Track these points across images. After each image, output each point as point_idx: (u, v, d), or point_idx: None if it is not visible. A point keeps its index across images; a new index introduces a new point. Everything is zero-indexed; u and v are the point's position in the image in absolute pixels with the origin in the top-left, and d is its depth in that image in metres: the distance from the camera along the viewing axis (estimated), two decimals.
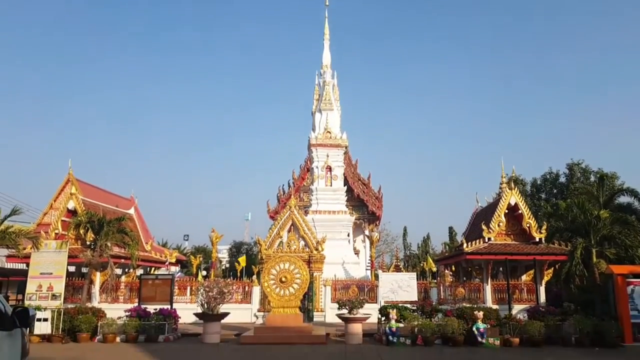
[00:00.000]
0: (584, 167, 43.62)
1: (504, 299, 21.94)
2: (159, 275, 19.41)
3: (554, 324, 15.37)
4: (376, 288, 22.16)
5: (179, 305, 19.89)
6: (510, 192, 22.41)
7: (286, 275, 16.06)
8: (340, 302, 15.99)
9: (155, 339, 15.34)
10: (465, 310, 16.06)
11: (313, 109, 32.67)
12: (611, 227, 17.29)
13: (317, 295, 21.71)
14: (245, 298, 22.24)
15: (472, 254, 21.34)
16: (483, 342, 14.65)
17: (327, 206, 29.67)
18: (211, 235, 23.72)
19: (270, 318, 15.90)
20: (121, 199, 33.20)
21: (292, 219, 22.40)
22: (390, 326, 15.02)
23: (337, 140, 30.81)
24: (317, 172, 30.67)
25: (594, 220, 16.80)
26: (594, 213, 16.97)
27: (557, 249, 21.15)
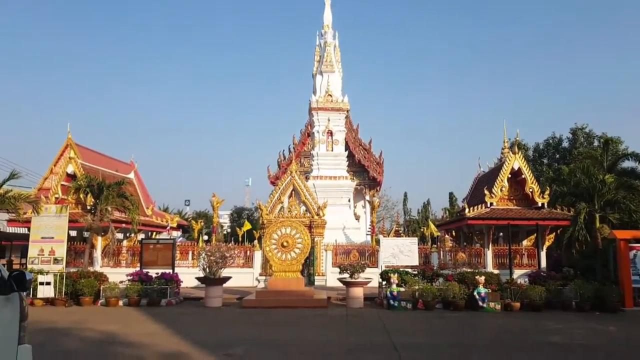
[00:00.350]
0: (588, 131, 43.14)
1: (504, 264, 22.02)
2: (160, 240, 19.39)
3: (555, 289, 15.41)
4: (377, 253, 22.23)
5: (181, 269, 19.99)
6: (513, 156, 22.11)
7: (288, 240, 16.01)
8: (342, 266, 16.00)
9: (157, 303, 15.43)
10: (467, 275, 16.08)
11: (314, 71, 31.99)
12: (616, 191, 17.13)
13: (318, 260, 21.78)
14: (247, 262, 22.34)
15: (474, 219, 21.24)
16: (484, 306, 14.71)
17: (328, 171, 29.49)
18: (212, 200, 23.61)
19: (272, 282, 15.94)
20: (121, 163, 33.02)
21: (293, 184, 22.24)
22: (392, 290, 15.05)
23: (339, 103, 30.32)
24: (317, 136, 30.32)
25: (598, 184, 16.61)
26: (599, 177, 16.76)
27: (559, 214, 21.03)
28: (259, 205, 21.85)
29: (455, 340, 9.95)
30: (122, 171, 28.73)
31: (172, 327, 11.29)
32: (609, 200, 17.41)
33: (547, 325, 12.06)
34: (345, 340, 9.83)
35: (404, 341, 9.74)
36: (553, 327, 11.77)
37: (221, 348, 8.86)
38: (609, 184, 16.70)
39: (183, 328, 11.24)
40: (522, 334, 10.88)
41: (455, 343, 9.66)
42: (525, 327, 11.75)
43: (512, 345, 9.46)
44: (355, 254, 22.30)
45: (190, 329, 11.23)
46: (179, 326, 11.52)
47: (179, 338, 9.90)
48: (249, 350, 8.71)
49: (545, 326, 11.97)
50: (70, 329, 10.90)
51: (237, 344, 9.22)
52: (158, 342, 9.52)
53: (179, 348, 8.89)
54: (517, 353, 8.80)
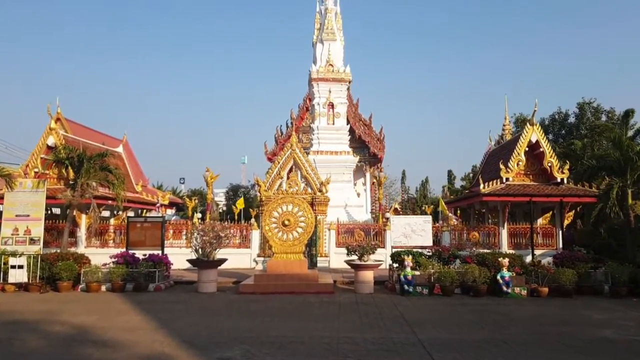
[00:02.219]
0: (596, 106, 41.48)
1: (520, 244, 20.58)
2: (148, 218, 17.72)
3: (585, 272, 13.94)
4: (384, 232, 20.72)
5: (174, 250, 18.45)
6: (531, 128, 20.40)
7: (289, 218, 14.41)
8: (350, 247, 14.42)
9: (144, 288, 13.86)
10: (487, 256, 14.57)
11: (314, 40, 29.95)
12: None
13: (321, 240, 20.22)
14: (243, 242, 20.78)
15: (490, 196, 19.64)
16: (508, 292, 13.21)
17: (329, 146, 27.77)
18: (206, 175, 21.87)
19: (272, 264, 14.38)
20: (110, 138, 31.05)
21: (294, 158, 20.54)
22: (406, 274, 13.51)
23: (340, 74, 28.41)
24: (318, 109, 28.47)
25: (635, 156, 14.96)
26: (635, 149, 15.11)
27: (580, 190, 19.46)
28: (256, 180, 20.16)
29: (490, 335, 8.42)
30: (110, 145, 26.92)
31: (158, 319, 9.73)
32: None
33: (587, 315, 10.58)
34: (362, 336, 8.28)
35: (430, 336, 8.22)
36: (596, 318, 10.27)
37: (214, 348, 7.31)
38: None
39: (171, 320, 9.68)
40: (563, 325, 9.37)
41: (492, 339, 8.12)
42: (563, 318, 10.25)
43: (561, 342, 7.92)
44: (360, 234, 20.73)
45: (179, 321, 9.67)
46: (167, 317, 9.96)
47: (164, 334, 8.33)
48: (248, 352, 7.13)
49: (585, 316, 10.49)
50: (37, 322, 9.32)
51: (233, 343, 7.66)
52: (139, 339, 7.95)
53: (162, 349, 7.32)
54: (574, 354, 7.26)
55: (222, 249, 16.25)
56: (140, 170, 39.36)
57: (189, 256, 14.85)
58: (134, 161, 38.75)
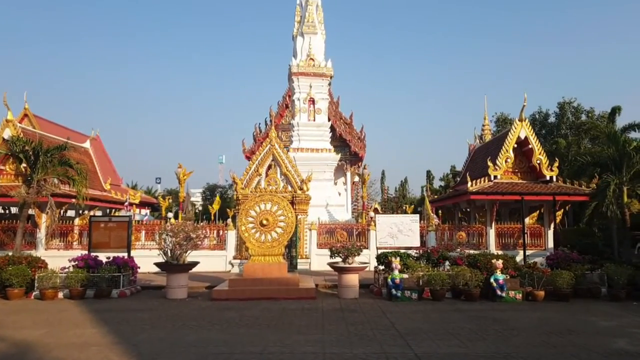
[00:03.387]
0: (576, 105, 41.59)
1: (508, 244, 19.90)
2: (113, 217, 16.33)
3: (581, 274, 13.17)
4: (367, 232, 19.75)
5: (144, 252, 17.15)
6: (520, 123, 19.72)
7: (268, 218, 13.28)
8: (334, 248, 13.36)
9: (106, 294, 12.55)
10: (479, 258, 13.69)
11: (294, 33, 28.84)
12: None
13: (301, 241, 19.13)
14: (219, 244, 19.58)
15: (477, 194, 18.87)
16: (503, 296, 12.33)
17: (309, 143, 26.72)
18: (178, 172, 20.53)
19: (248, 268, 13.23)
20: (79, 134, 29.26)
21: (273, 154, 19.37)
22: (394, 277, 12.52)
23: (321, 68, 27.35)
24: (298, 104, 27.37)
25: (632, 152, 14.29)
26: (632, 144, 14.44)
27: (570, 189, 18.84)
28: (233, 177, 18.93)
29: (494, 348, 7.45)
30: (78, 141, 25.31)
31: (116, 332, 8.50)
32: (638, 172, 15.16)
33: (592, 322, 9.72)
34: (351, 351, 7.22)
35: (429, 351, 7.21)
36: (603, 325, 9.42)
37: None
38: None
39: (131, 333, 8.46)
40: (571, 335, 8.47)
41: (497, 353, 7.16)
42: (567, 325, 9.35)
43: (577, 356, 7.00)
44: (343, 234, 19.73)
45: (141, 334, 8.45)
46: (127, 330, 8.74)
47: (120, 351, 7.13)
48: None
49: (590, 323, 9.62)
50: None
51: None
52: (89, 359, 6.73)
53: None
54: None
55: (195, 251, 15.10)
56: (113, 169, 37.58)
57: (161, 258, 13.57)
58: (106, 159, 36.98)
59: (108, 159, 38.08)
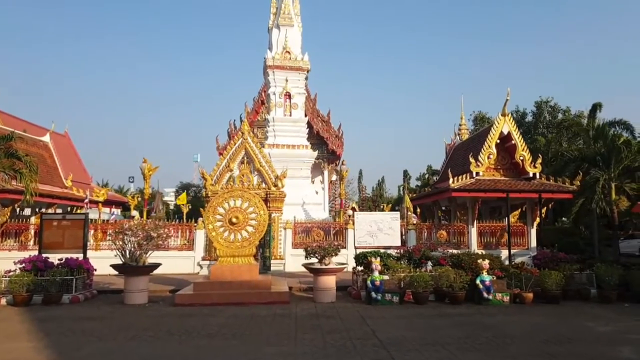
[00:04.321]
0: (553, 105, 41.84)
1: (490, 243, 19.23)
2: (66, 215, 14.97)
3: (570, 275, 12.48)
4: (345, 231, 18.82)
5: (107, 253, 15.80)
6: (503, 118, 19.09)
7: (238, 215, 12.20)
8: (309, 248, 12.34)
9: (56, 300, 11.29)
10: (463, 258, 12.88)
11: (269, 25, 27.75)
12: (635, 156, 14.27)
13: (275, 241, 18.09)
14: (188, 244, 18.39)
15: (459, 191, 18.13)
16: (490, 298, 11.52)
17: (285, 139, 25.67)
18: (142, 167, 19.19)
19: (216, 270, 12.12)
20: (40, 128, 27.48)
21: (245, 148, 18.26)
22: (373, 279, 11.58)
23: (298, 62, 26.31)
24: (274, 99, 26.30)
25: (623, 146, 13.70)
26: (621, 138, 13.86)
27: (554, 186, 18.26)
28: (202, 174, 17.75)
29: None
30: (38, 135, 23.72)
31: (57, 346, 7.36)
32: (627, 168, 14.60)
33: (589, 328, 8.96)
34: None
35: None
36: (601, 331, 8.66)
37: None
38: (634, 145, 13.85)
39: (75, 347, 7.32)
40: (569, 343, 7.67)
41: None
42: (563, 332, 8.56)
43: None
44: (320, 233, 18.76)
45: (86, 348, 7.31)
46: (71, 342, 7.59)
47: None
48: None
49: (587, 329, 8.86)
50: None
51: None
52: None
53: None
54: None
55: (162, 252, 14.09)
56: (82, 167, 35.94)
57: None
58: (74, 156, 35.35)
59: (77, 156, 36.34)
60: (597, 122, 21.20)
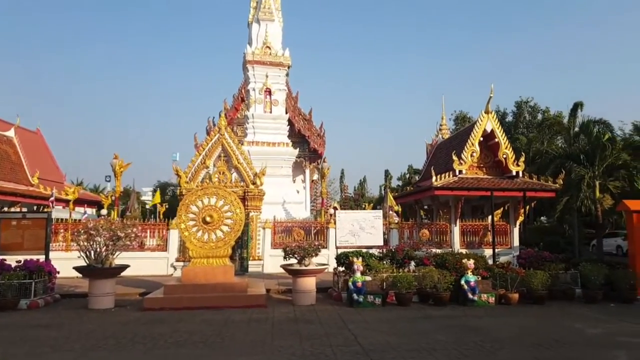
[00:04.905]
0: (533, 105, 42.20)
1: (473, 242, 18.90)
2: (26, 214, 14.07)
3: (555, 274, 12.15)
4: (326, 230, 18.28)
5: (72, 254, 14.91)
6: (486, 116, 18.76)
7: (212, 214, 11.56)
8: (288, 248, 11.75)
9: (12, 306, 10.47)
10: (447, 257, 12.45)
11: (249, 19, 27.06)
12: (619, 154, 14.04)
13: (253, 241, 17.43)
14: (163, 244, 17.61)
15: (442, 189, 17.74)
16: (475, 299, 11.11)
17: (265, 136, 25.02)
18: (113, 163, 18.31)
19: (188, 272, 11.44)
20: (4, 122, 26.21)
21: (222, 144, 17.57)
22: (355, 280, 11.06)
23: (279, 57, 25.68)
24: (253, 95, 25.62)
25: (608, 143, 13.43)
26: (606, 135, 13.60)
27: (537, 184, 18.02)
28: (176, 171, 16.99)
29: None
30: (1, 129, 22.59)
31: (3, 356, 6.62)
32: (611, 165, 14.36)
33: (578, 330, 8.57)
34: None
35: None
36: (591, 334, 8.27)
37: None
38: (618, 143, 13.60)
39: (22, 359, 6.59)
40: (562, 347, 7.24)
41: None
42: (552, 334, 8.14)
43: None
44: (300, 232, 18.17)
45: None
46: (19, 355, 6.86)
47: None
48: None
49: (577, 331, 8.46)
50: None
51: None
52: None
53: None
54: None
55: (134, 253, 13.41)
56: (54, 165, 34.74)
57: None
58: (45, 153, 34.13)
59: (49, 153, 35.07)
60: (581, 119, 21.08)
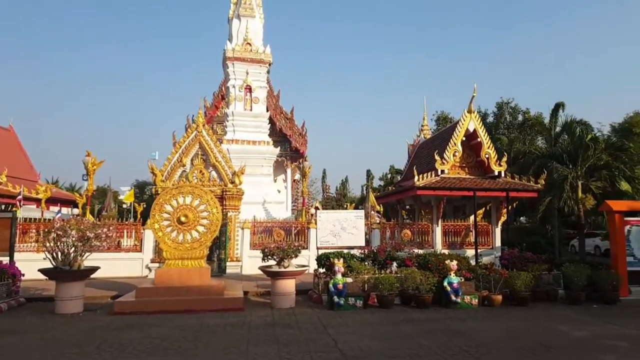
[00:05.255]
0: (513, 106, 42.53)
1: (455, 243, 18.75)
2: None
3: (538, 275, 12.00)
4: (307, 230, 17.91)
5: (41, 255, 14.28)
6: (469, 115, 18.61)
7: (187, 214, 11.10)
8: (266, 249, 11.33)
9: None
10: (430, 258, 12.20)
11: (230, 15, 26.51)
12: (600, 154, 13.98)
13: (232, 241, 16.96)
14: (139, 245, 17.01)
15: (424, 189, 17.52)
16: (458, 301, 10.87)
17: (246, 134, 24.51)
18: (86, 160, 17.61)
19: (162, 274, 10.96)
20: None
21: (200, 141, 17.04)
22: (336, 282, 10.73)
23: (259, 54, 25.18)
24: (233, 92, 25.06)
25: (591, 143, 13.35)
26: (589, 135, 13.52)
27: (519, 184, 17.94)
28: (151, 168, 16.41)
29: None
30: None
31: None
32: (593, 166, 14.30)
33: (563, 332, 8.38)
34: None
35: None
36: (577, 336, 8.09)
37: None
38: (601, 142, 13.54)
39: None
40: (548, 351, 7.02)
41: None
42: (538, 338, 7.93)
43: None
44: (280, 233, 17.77)
45: None
46: None
47: None
48: None
49: (562, 334, 8.27)
50: None
51: None
52: None
53: None
54: None
55: (108, 254, 12.91)
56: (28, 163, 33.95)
57: None
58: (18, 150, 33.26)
59: (22, 151, 34.13)
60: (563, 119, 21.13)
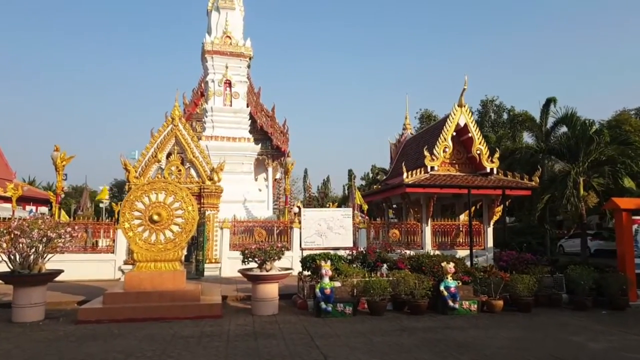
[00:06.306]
0: (498, 104, 42.43)
1: (445, 243, 18.03)
2: None
3: (540, 278, 11.27)
4: (290, 230, 17.00)
5: None
6: (459, 109, 17.92)
7: (160, 212, 10.10)
8: (247, 251, 10.37)
9: None
10: (424, 260, 11.39)
11: (209, 7, 25.46)
12: (605, 148, 13.31)
13: (210, 242, 15.95)
14: (112, 246, 15.89)
15: (414, 187, 16.75)
16: (456, 307, 10.05)
17: (225, 131, 23.48)
18: (54, 156, 16.36)
19: (132, 278, 9.92)
20: None
21: (176, 136, 16.00)
22: (323, 287, 9.82)
23: (239, 47, 24.18)
24: (212, 87, 24.04)
25: (595, 136, 12.67)
26: (593, 127, 12.83)
27: (512, 181, 17.30)
28: (124, 164, 15.28)
29: None
30: None
31: None
32: (595, 161, 13.62)
33: (579, 344, 7.62)
34: None
35: None
36: (595, 349, 7.33)
37: None
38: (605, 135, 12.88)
39: None
40: None
41: None
42: (551, 349, 7.17)
43: None
44: (262, 233, 16.81)
45: None
46: None
47: None
48: None
49: (579, 346, 7.51)
50: None
51: None
52: None
53: None
54: None
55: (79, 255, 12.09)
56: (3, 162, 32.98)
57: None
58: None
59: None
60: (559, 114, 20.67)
